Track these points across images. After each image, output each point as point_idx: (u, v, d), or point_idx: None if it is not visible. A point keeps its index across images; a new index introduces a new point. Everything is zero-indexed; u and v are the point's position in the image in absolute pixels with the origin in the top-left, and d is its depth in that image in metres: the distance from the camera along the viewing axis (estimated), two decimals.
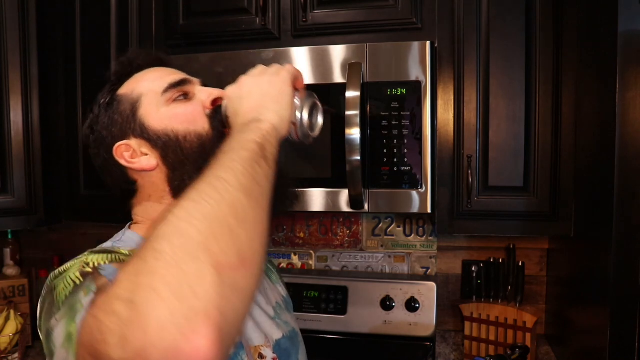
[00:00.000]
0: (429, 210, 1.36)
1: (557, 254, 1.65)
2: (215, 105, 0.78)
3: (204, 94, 0.79)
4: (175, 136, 0.75)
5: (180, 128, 0.76)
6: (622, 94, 1.05)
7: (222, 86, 0.80)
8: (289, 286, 1.09)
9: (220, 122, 0.76)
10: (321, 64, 1.39)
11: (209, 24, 1.54)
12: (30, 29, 1.65)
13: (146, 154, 0.77)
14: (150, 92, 0.77)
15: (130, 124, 0.77)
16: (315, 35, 1.48)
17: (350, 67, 1.33)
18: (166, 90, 0.77)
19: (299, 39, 1.49)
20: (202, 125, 0.77)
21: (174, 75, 0.80)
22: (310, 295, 1.77)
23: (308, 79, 1.39)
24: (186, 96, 0.78)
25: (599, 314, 1.16)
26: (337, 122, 1.34)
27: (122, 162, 0.78)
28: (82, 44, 1.68)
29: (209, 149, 0.73)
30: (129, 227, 0.83)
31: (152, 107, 0.77)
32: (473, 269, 1.70)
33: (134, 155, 0.77)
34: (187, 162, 0.75)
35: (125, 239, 0.79)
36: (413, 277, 1.80)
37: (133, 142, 0.77)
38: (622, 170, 1.06)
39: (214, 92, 0.79)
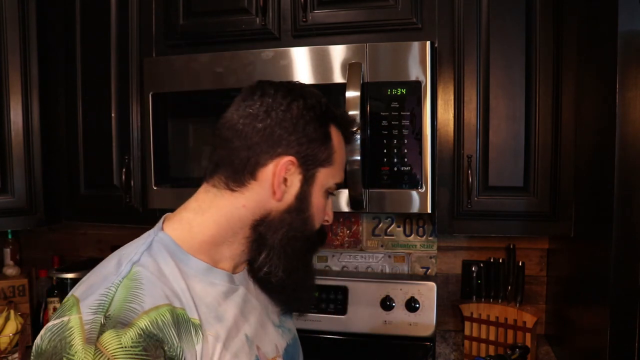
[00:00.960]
0: (429, 210, 1.36)
1: (557, 254, 1.65)
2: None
3: (328, 207, 0.88)
4: (307, 215, 0.81)
5: (314, 214, 0.82)
6: (622, 94, 1.05)
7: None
8: None
9: (316, 237, 0.87)
10: (321, 64, 1.39)
11: (209, 24, 1.54)
12: (30, 29, 1.65)
13: (287, 187, 0.79)
14: (332, 172, 0.83)
15: (312, 161, 0.79)
16: (315, 35, 1.48)
17: (350, 67, 1.33)
18: (336, 186, 0.86)
19: (299, 39, 1.49)
20: (315, 226, 0.84)
21: (343, 174, 0.87)
22: None
23: (308, 79, 1.39)
24: (329, 196, 0.87)
25: (599, 314, 1.16)
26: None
27: (275, 168, 0.77)
28: (82, 44, 1.69)
29: (302, 242, 0.82)
30: (162, 226, 0.78)
31: (323, 181, 0.82)
32: (473, 269, 1.70)
33: (284, 172, 0.77)
34: (288, 232, 0.80)
35: (155, 250, 0.73)
36: (413, 277, 1.80)
37: (296, 173, 0.79)
38: (622, 170, 1.06)
39: (330, 218, 0.89)
